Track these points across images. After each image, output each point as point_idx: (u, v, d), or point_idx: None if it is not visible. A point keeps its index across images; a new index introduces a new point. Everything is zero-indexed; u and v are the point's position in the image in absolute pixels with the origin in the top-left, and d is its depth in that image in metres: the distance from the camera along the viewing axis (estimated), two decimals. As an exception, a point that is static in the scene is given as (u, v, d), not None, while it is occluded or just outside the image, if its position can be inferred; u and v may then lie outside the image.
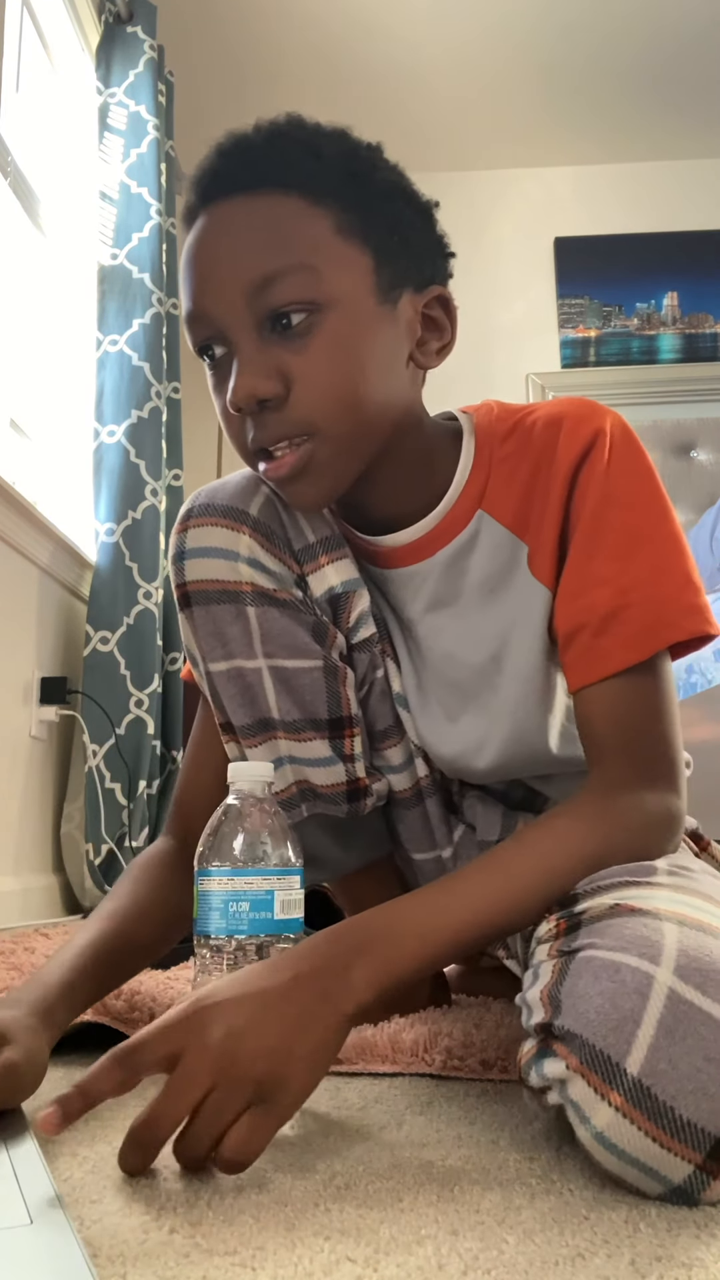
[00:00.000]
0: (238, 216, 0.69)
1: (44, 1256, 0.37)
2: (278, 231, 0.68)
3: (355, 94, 3.28)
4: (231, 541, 0.75)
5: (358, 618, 0.79)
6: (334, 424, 0.69)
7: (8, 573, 1.92)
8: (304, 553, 0.78)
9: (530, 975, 0.54)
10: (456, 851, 0.85)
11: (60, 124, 2.63)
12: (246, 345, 0.68)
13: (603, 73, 3.23)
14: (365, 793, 0.80)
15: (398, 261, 0.72)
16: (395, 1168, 0.51)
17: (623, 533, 0.71)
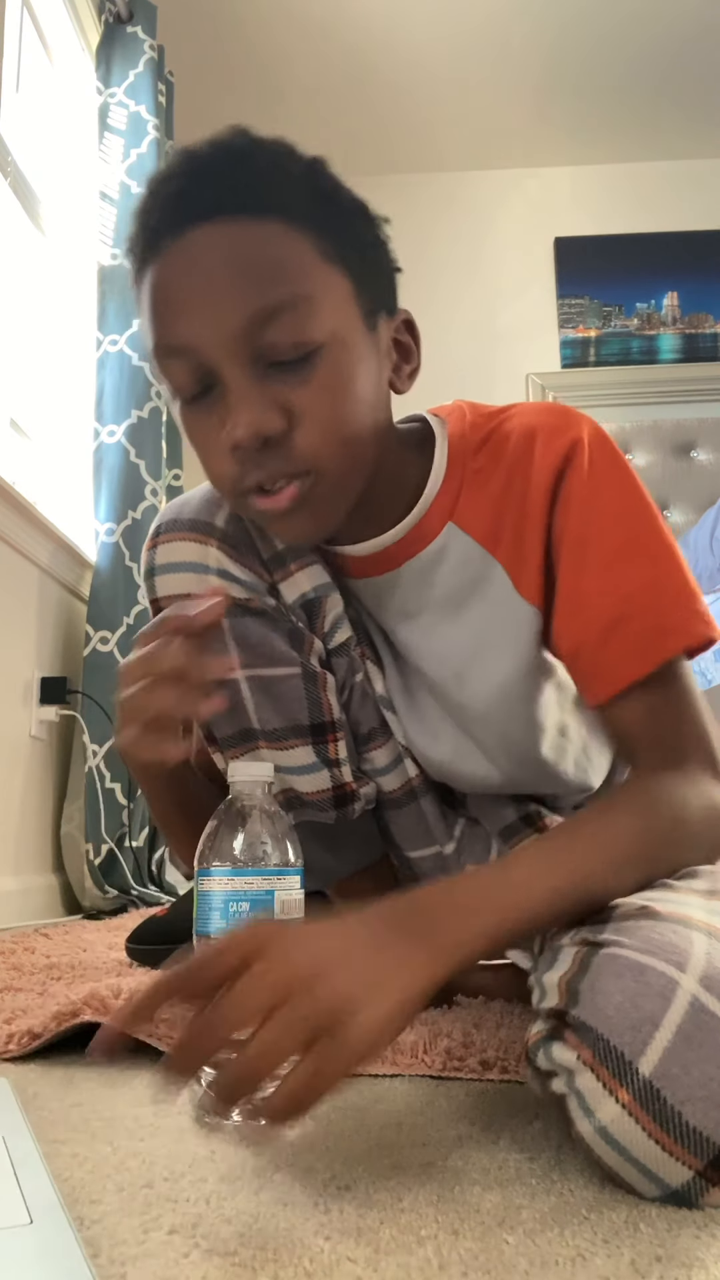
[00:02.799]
0: (219, 244, 0.64)
1: (44, 1256, 0.37)
2: (266, 260, 0.64)
3: (355, 94, 3.28)
4: (200, 555, 0.75)
5: (333, 621, 0.78)
6: (335, 460, 0.67)
7: (8, 573, 1.92)
8: (273, 561, 0.77)
9: (548, 957, 0.54)
10: (460, 846, 0.85)
11: (60, 124, 2.63)
12: (243, 381, 0.64)
13: (603, 73, 3.23)
14: (353, 797, 0.80)
15: (372, 284, 0.70)
16: (395, 1168, 0.51)
17: (612, 544, 0.69)
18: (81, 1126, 0.58)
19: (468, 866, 0.84)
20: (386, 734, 0.82)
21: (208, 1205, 0.45)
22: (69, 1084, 0.69)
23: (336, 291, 0.67)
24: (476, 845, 0.85)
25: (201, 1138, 0.56)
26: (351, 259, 0.68)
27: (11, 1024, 0.82)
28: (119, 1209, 0.45)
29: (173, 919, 1.17)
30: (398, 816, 0.84)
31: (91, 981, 1.01)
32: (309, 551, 0.77)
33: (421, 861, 0.85)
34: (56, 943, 1.41)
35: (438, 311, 3.57)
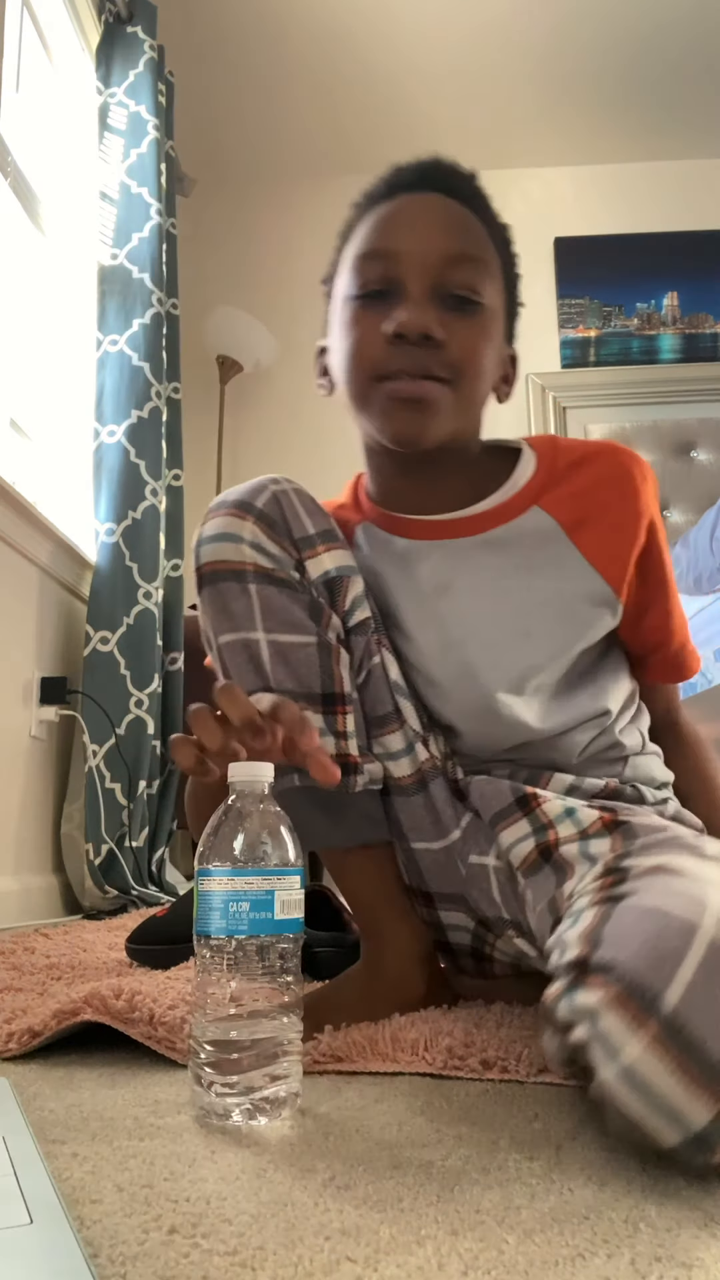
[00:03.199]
0: (443, 206, 0.86)
1: (44, 1256, 0.37)
2: (474, 234, 0.86)
3: (355, 94, 3.28)
4: (238, 528, 0.83)
5: (353, 601, 0.86)
6: (465, 387, 0.84)
7: (8, 573, 1.92)
8: (303, 541, 0.84)
9: (568, 921, 0.57)
10: (465, 835, 0.86)
11: (60, 124, 2.63)
12: (422, 295, 0.83)
13: (603, 73, 3.23)
14: (355, 769, 0.83)
15: (509, 321, 0.92)
16: (395, 1168, 0.51)
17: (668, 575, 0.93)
18: (81, 1126, 0.58)
19: (470, 858, 0.85)
20: (399, 719, 0.86)
21: (208, 1205, 0.45)
22: (69, 1084, 0.69)
23: (498, 290, 0.88)
24: (479, 836, 0.86)
25: (201, 1138, 0.56)
26: (508, 294, 0.90)
27: (11, 1024, 0.82)
28: (119, 1209, 0.45)
29: (173, 919, 1.17)
30: (406, 805, 0.86)
31: (91, 981, 1.01)
32: (338, 537, 0.87)
33: (425, 855, 0.87)
34: (56, 943, 1.41)
35: (438, 311, 3.57)
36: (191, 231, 3.53)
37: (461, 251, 0.84)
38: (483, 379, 0.86)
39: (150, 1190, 0.47)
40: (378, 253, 0.84)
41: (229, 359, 3.37)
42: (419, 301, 0.83)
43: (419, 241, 0.83)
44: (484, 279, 0.85)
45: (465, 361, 0.83)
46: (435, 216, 0.85)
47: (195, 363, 3.46)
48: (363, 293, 0.85)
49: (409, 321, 0.81)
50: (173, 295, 2.69)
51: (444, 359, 0.83)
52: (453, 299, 0.83)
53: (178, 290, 2.77)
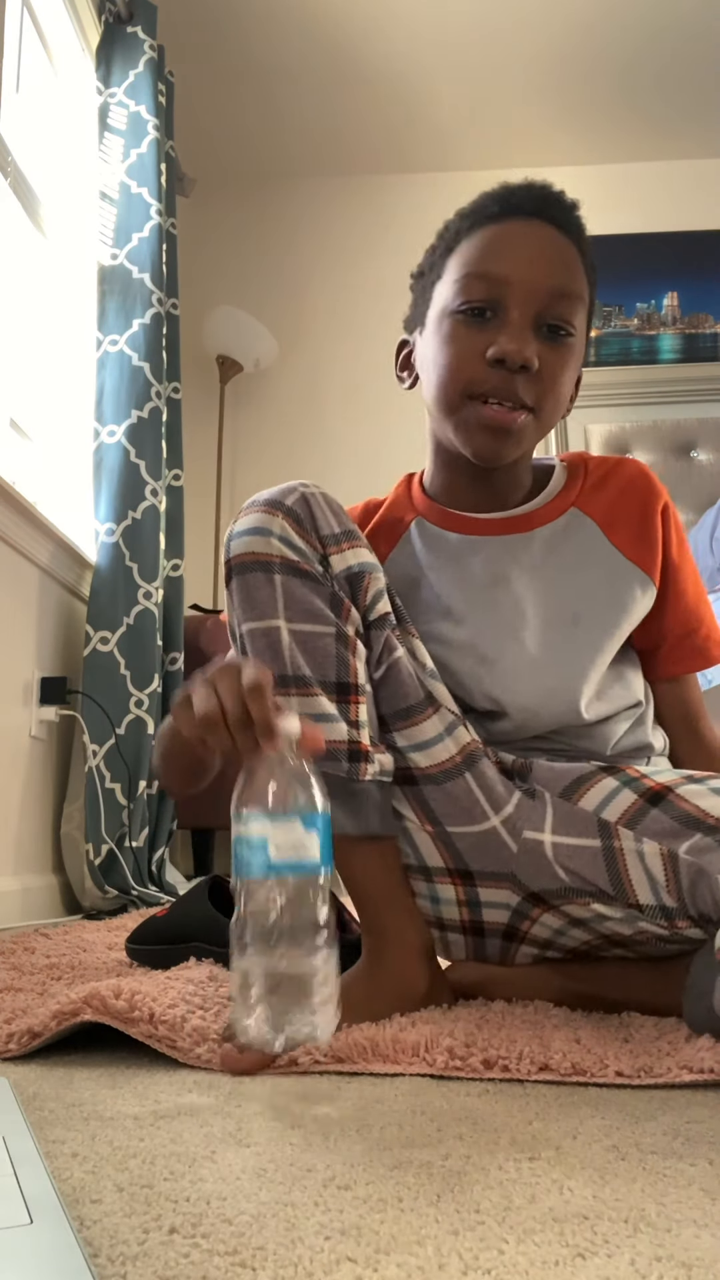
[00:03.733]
0: (554, 238, 0.91)
1: (44, 1256, 0.37)
2: (576, 270, 0.92)
3: (355, 94, 3.28)
4: (268, 523, 0.87)
5: (374, 596, 0.90)
6: (546, 415, 0.93)
7: (8, 573, 1.92)
8: (328, 538, 0.89)
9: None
10: (517, 811, 0.89)
11: (60, 124, 2.63)
12: (524, 323, 0.90)
13: (603, 73, 3.23)
14: (366, 757, 0.85)
15: (588, 340, 0.98)
16: (395, 1168, 0.51)
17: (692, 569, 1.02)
18: (81, 1126, 0.58)
19: (524, 834, 0.88)
20: (433, 705, 0.89)
21: (208, 1205, 0.45)
22: (69, 1084, 0.69)
23: (584, 324, 0.95)
24: (534, 815, 0.88)
25: (202, 1138, 0.56)
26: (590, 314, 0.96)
27: (11, 1024, 0.82)
28: (119, 1209, 0.45)
29: (173, 919, 1.17)
30: (438, 792, 0.89)
31: (91, 981, 1.01)
32: (360, 537, 0.92)
33: (466, 837, 0.89)
34: (56, 943, 1.41)
35: (438, 311, 3.57)
36: (191, 231, 3.53)
37: (566, 287, 0.90)
38: (561, 405, 0.94)
39: (150, 1190, 0.47)
40: (487, 275, 0.90)
41: (229, 359, 3.37)
42: (521, 330, 0.89)
43: (529, 272, 0.90)
44: (579, 312, 0.92)
45: (550, 391, 0.91)
46: (546, 249, 0.91)
47: (195, 363, 3.46)
48: (466, 309, 0.91)
49: (514, 350, 0.88)
50: (173, 295, 2.69)
51: (534, 388, 0.90)
52: (548, 329, 0.90)
53: (178, 290, 2.77)
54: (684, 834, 0.78)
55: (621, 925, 0.84)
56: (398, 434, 3.48)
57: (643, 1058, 0.71)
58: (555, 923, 0.89)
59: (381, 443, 3.47)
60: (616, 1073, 0.69)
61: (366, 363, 3.59)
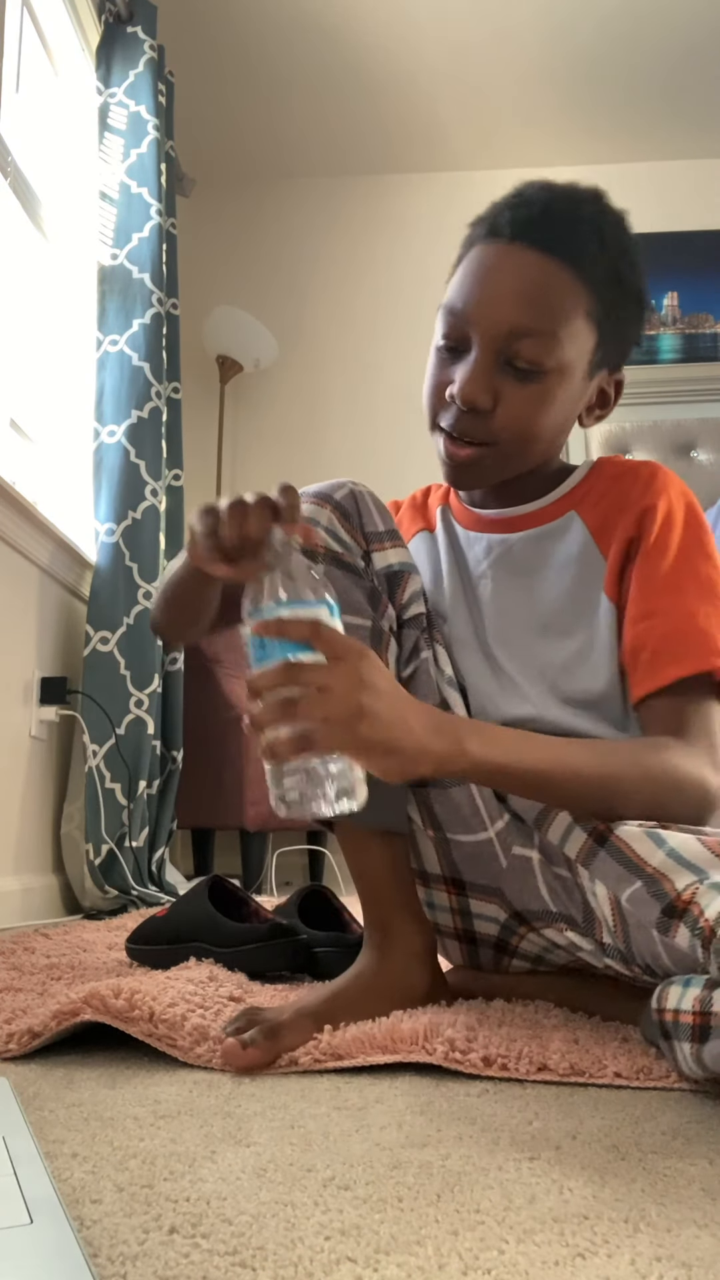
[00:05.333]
0: (530, 270, 0.87)
1: (44, 1256, 0.37)
2: (550, 297, 0.86)
3: (355, 94, 3.28)
4: (315, 513, 0.89)
5: (411, 595, 0.92)
6: (511, 448, 0.90)
7: (8, 573, 1.92)
8: (372, 535, 0.91)
9: None
10: (509, 827, 0.89)
11: (60, 124, 2.63)
12: (482, 362, 0.87)
13: (603, 73, 3.23)
14: None
15: (612, 349, 0.92)
16: (395, 1168, 0.51)
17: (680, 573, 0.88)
18: (81, 1126, 0.58)
19: (513, 850, 0.88)
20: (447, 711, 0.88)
21: (208, 1205, 0.45)
22: (69, 1084, 0.69)
23: (581, 342, 0.89)
24: (522, 834, 0.89)
25: (202, 1138, 0.56)
26: (607, 326, 0.90)
27: (11, 1024, 0.82)
28: (119, 1209, 0.45)
29: (173, 919, 1.17)
30: (442, 797, 0.89)
31: (91, 981, 1.01)
32: (400, 538, 0.94)
33: (462, 846, 0.89)
34: (56, 943, 1.41)
35: (437, 312, 3.57)
36: (191, 231, 3.53)
37: (529, 326, 0.86)
38: (533, 438, 0.90)
39: (150, 1190, 0.47)
40: (454, 311, 0.89)
41: (229, 359, 3.37)
42: (479, 369, 0.87)
43: (490, 310, 0.87)
44: (552, 347, 0.86)
45: (510, 429, 0.89)
46: (513, 283, 0.87)
47: (195, 363, 3.46)
48: (441, 342, 0.91)
49: (463, 393, 0.87)
50: (173, 295, 2.69)
51: (488, 426, 0.88)
52: (516, 365, 0.87)
53: (178, 290, 2.77)
54: (627, 880, 0.74)
55: (592, 958, 0.84)
56: (397, 434, 3.48)
57: (641, 1059, 0.71)
58: (542, 942, 0.89)
59: (381, 442, 3.47)
60: (615, 1074, 0.69)
61: (366, 362, 3.59)
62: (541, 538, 0.97)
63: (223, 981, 0.95)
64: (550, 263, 0.86)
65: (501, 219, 0.89)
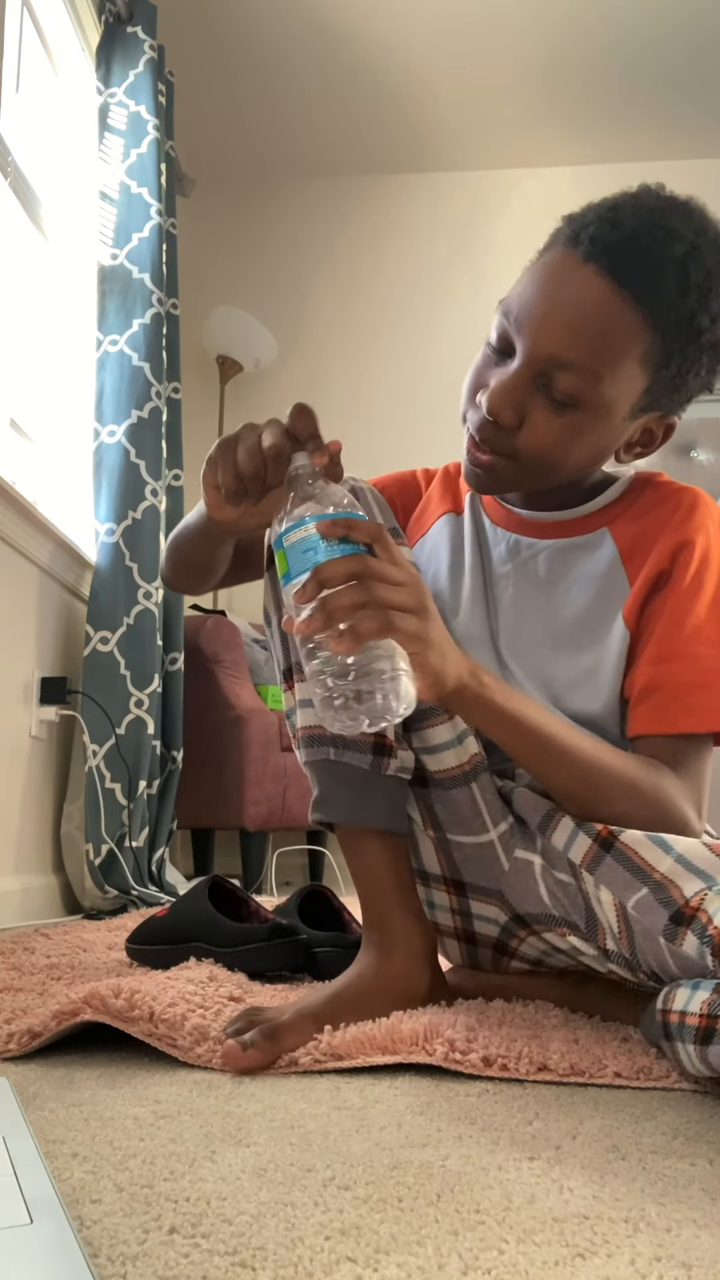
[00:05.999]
0: (593, 298, 0.80)
1: (44, 1256, 0.37)
2: (602, 335, 0.80)
3: (355, 94, 3.28)
4: None
5: None
6: (531, 466, 0.87)
7: (8, 573, 1.92)
8: None
9: None
10: (511, 830, 0.89)
11: (60, 124, 2.63)
12: (520, 378, 0.83)
13: (603, 73, 3.23)
14: (389, 752, 0.86)
15: (665, 398, 0.87)
16: (395, 1168, 0.51)
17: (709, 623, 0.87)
18: (81, 1126, 0.58)
19: (515, 853, 0.88)
20: (448, 712, 0.88)
21: (208, 1205, 0.45)
22: (69, 1084, 0.69)
23: (627, 384, 0.83)
24: (525, 838, 0.89)
25: (202, 1138, 0.56)
26: (663, 373, 0.84)
27: (11, 1024, 0.82)
28: (119, 1209, 0.45)
29: (173, 919, 1.17)
30: (446, 798, 0.89)
31: (91, 981, 1.01)
32: (401, 537, 0.92)
33: (463, 847, 0.89)
34: (56, 943, 1.41)
35: (437, 312, 3.57)
36: (191, 231, 3.53)
37: (572, 360, 0.81)
38: (557, 465, 0.86)
39: (150, 1190, 0.47)
40: (508, 314, 0.86)
41: (229, 359, 3.37)
42: (512, 383, 0.83)
43: (540, 329, 0.82)
44: (592, 385, 0.81)
45: (531, 451, 0.85)
46: (569, 310, 0.81)
47: (195, 363, 3.46)
48: (492, 340, 0.88)
49: (486, 399, 0.84)
50: (173, 295, 2.69)
51: (509, 442, 0.85)
52: (551, 392, 0.83)
53: (178, 290, 2.77)
54: (633, 886, 0.74)
55: (595, 963, 0.84)
56: (397, 434, 3.48)
57: (641, 1059, 0.71)
58: (542, 945, 0.89)
59: (381, 442, 3.47)
60: (615, 1073, 0.69)
61: (367, 362, 3.59)
62: (569, 549, 0.95)
63: (223, 981, 0.95)
64: (617, 298, 0.80)
65: (585, 232, 0.82)
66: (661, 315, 0.80)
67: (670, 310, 0.80)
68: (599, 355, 0.81)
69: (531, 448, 0.85)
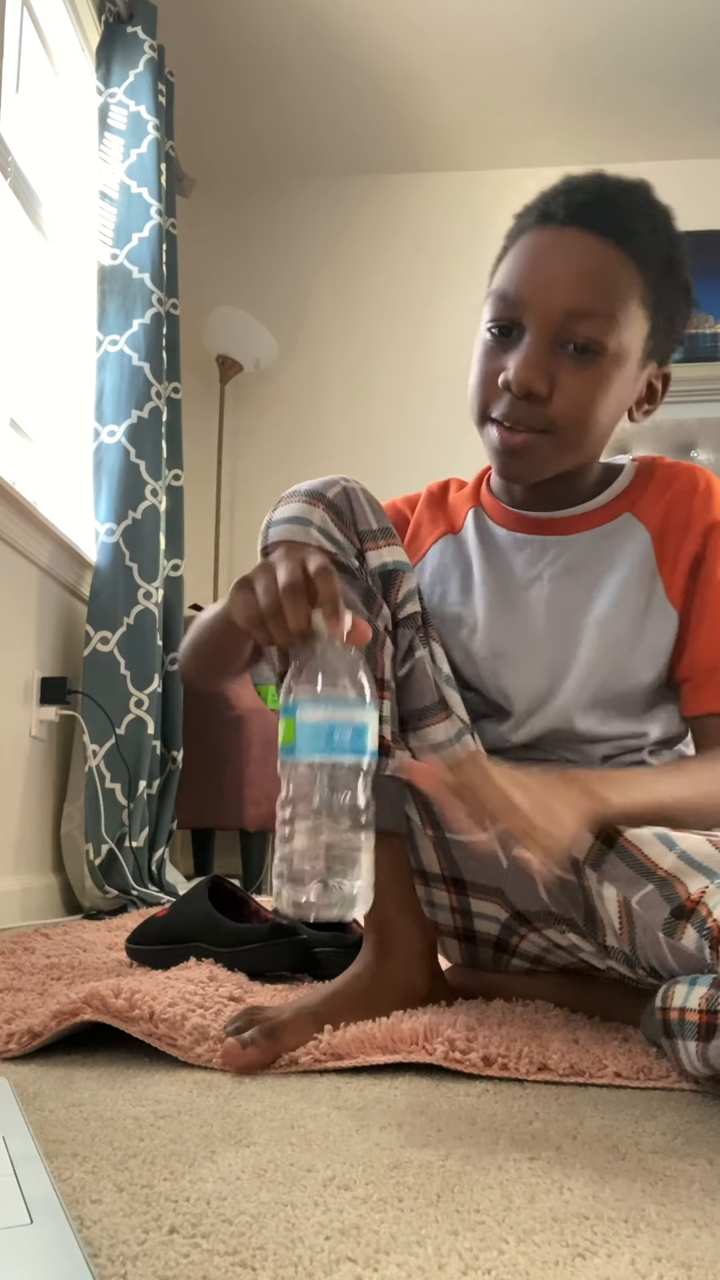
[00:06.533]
0: (587, 251, 0.86)
1: (44, 1256, 0.37)
2: (608, 279, 0.85)
3: (355, 94, 3.28)
4: (308, 513, 0.88)
5: (405, 595, 0.90)
6: (568, 436, 0.88)
7: (8, 573, 1.92)
8: (366, 534, 0.90)
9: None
10: None
11: (60, 124, 2.63)
12: (539, 346, 0.86)
13: (603, 73, 3.23)
14: (387, 752, 0.85)
15: (662, 339, 0.91)
16: (395, 1168, 0.51)
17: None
18: (81, 1126, 0.58)
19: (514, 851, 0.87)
20: (445, 710, 0.89)
21: (208, 1205, 0.45)
22: (69, 1084, 0.69)
23: (636, 328, 0.88)
24: None
25: (202, 1138, 0.56)
26: (659, 316, 0.89)
27: (11, 1024, 0.82)
28: (119, 1209, 0.45)
29: (173, 919, 1.17)
30: None
31: (91, 981, 1.01)
32: (395, 535, 0.92)
33: (463, 845, 0.89)
34: (56, 943, 1.41)
35: (437, 312, 3.57)
36: (191, 231, 3.53)
37: (588, 308, 0.85)
38: (590, 426, 0.88)
39: (150, 1190, 0.47)
40: (508, 296, 0.88)
41: (229, 359, 3.37)
42: (535, 353, 0.86)
43: (546, 293, 0.86)
44: (610, 329, 0.85)
45: (568, 415, 0.87)
46: (568, 266, 0.85)
47: (195, 363, 3.46)
48: (493, 328, 0.90)
49: (519, 378, 0.85)
50: (173, 295, 2.69)
51: (545, 413, 0.87)
52: (574, 347, 0.85)
53: (178, 290, 2.77)
54: (637, 883, 0.75)
55: (594, 959, 0.85)
56: (398, 434, 3.48)
57: (641, 1059, 0.71)
58: (542, 943, 0.89)
59: (381, 442, 3.47)
60: (615, 1073, 0.69)
61: (367, 362, 3.59)
62: (601, 538, 0.95)
63: (223, 981, 0.95)
64: (607, 246, 0.86)
65: (555, 204, 0.88)
66: (647, 259, 0.87)
67: (652, 254, 0.87)
68: (610, 299, 0.85)
69: (565, 412, 0.86)
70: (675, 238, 0.91)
